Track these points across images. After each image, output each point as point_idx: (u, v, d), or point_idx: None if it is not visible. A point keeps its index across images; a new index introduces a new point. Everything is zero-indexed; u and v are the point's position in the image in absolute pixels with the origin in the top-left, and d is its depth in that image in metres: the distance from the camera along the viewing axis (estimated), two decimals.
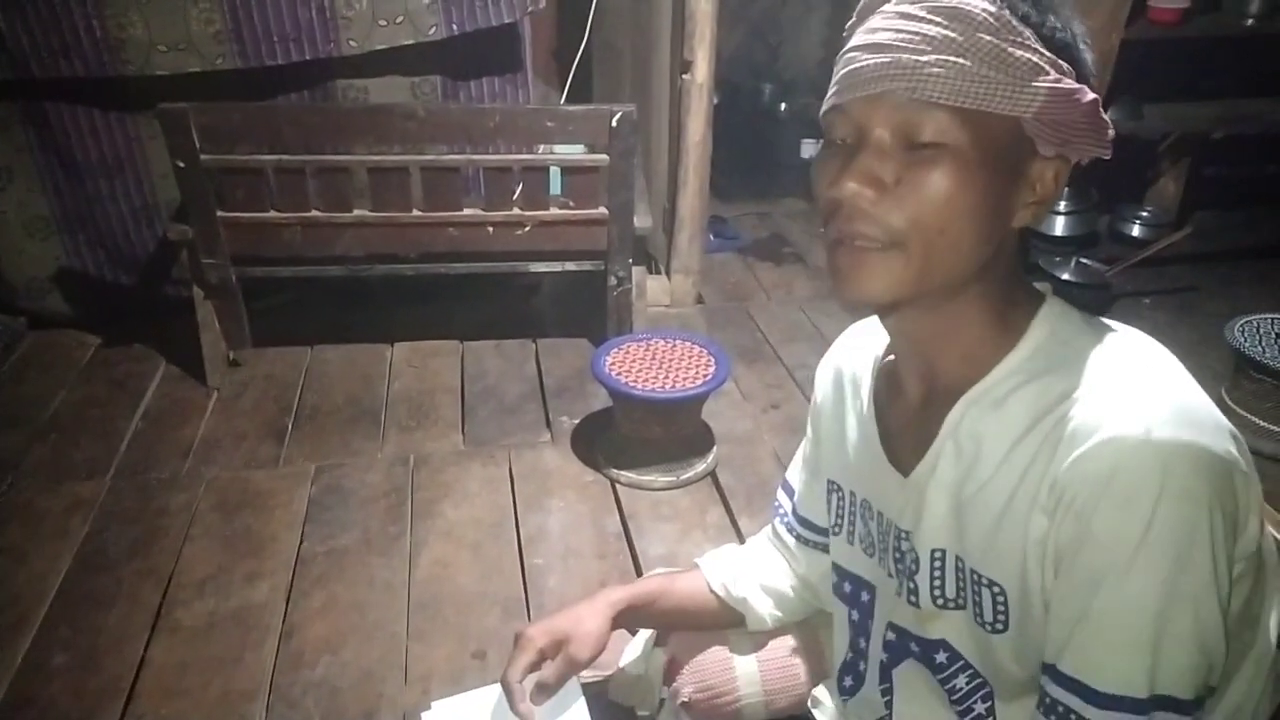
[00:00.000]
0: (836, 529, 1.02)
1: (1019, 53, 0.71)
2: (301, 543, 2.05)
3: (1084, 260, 3.09)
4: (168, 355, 2.70)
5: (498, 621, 1.85)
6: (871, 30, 0.75)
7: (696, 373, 2.20)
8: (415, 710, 1.65)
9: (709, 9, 2.68)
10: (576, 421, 2.48)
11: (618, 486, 2.24)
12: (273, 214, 2.45)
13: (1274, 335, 2.39)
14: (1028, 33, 0.72)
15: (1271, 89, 3.25)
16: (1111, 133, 0.77)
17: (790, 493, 1.15)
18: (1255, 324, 2.43)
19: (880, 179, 0.73)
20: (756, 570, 1.17)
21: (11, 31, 2.38)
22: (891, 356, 0.94)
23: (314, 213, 2.46)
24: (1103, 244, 3.42)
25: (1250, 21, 3.03)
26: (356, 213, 2.47)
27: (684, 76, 2.78)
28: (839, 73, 0.77)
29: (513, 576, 1.97)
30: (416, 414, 2.51)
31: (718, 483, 2.27)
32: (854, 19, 0.79)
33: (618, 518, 2.15)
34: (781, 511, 1.16)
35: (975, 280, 0.78)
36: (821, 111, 0.79)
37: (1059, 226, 3.38)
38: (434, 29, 2.54)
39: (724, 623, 1.18)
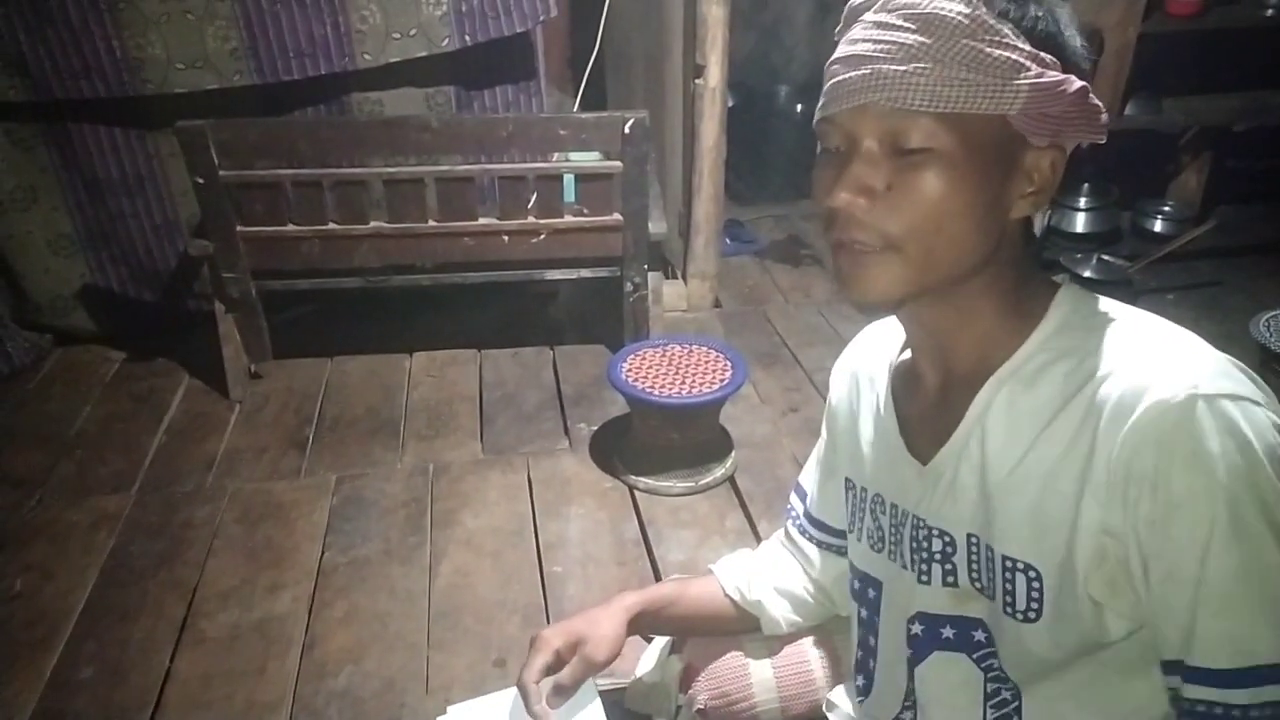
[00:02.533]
0: (852, 528, 1.02)
1: (997, 52, 0.72)
2: (323, 553, 2.06)
3: (1106, 257, 3.06)
4: (190, 369, 2.73)
5: (518, 629, 1.85)
6: (852, 41, 0.77)
7: (713, 377, 2.20)
8: None
9: (721, 14, 2.68)
10: (595, 428, 2.48)
11: (636, 493, 2.24)
12: (291, 227, 2.48)
13: None
14: (1006, 29, 0.73)
15: None
16: (1105, 117, 0.78)
17: (803, 495, 1.15)
18: None
19: (871, 187, 0.76)
20: (771, 574, 1.16)
21: (33, 54, 2.43)
22: (908, 353, 0.94)
23: (331, 225, 2.48)
24: (1125, 240, 3.38)
25: (1270, 12, 2.99)
26: (373, 224, 2.49)
27: (697, 81, 2.78)
28: (826, 84, 0.79)
29: (532, 584, 1.97)
30: (435, 423, 2.52)
31: (736, 487, 2.26)
32: (840, 26, 0.80)
33: (636, 524, 2.15)
34: (794, 514, 1.16)
35: (981, 270, 0.80)
36: (814, 121, 0.81)
37: (1080, 223, 3.35)
38: (447, 40, 2.56)
39: (739, 627, 1.18)
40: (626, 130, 2.39)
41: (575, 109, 3.05)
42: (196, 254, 2.51)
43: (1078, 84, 0.74)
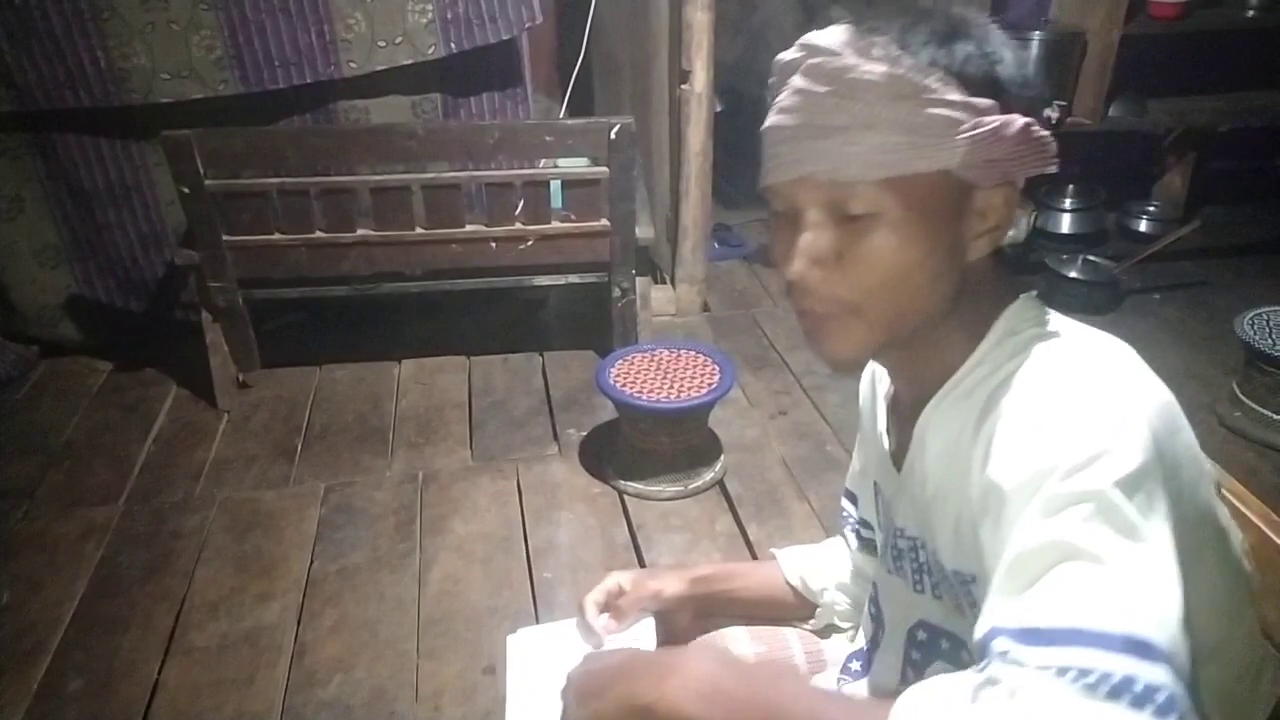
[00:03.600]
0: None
1: (928, 111, 0.70)
2: (312, 562, 2.06)
3: (1091, 258, 3.08)
4: (178, 379, 2.73)
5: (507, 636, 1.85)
6: (782, 109, 0.75)
7: (701, 382, 2.21)
8: None
9: (706, 19, 2.69)
10: (584, 434, 2.48)
11: (626, 497, 2.24)
12: (278, 236, 2.47)
13: None
14: (933, 82, 0.71)
15: (1277, 80, 3.23)
16: (1054, 146, 0.75)
17: (854, 499, 1.15)
18: (1265, 317, 2.41)
19: (821, 258, 0.75)
20: (834, 567, 1.17)
21: (19, 65, 2.42)
22: None
23: (318, 233, 2.48)
24: (1110, 240, 3.41)
25: (1251, 13, 3.01)
26: (360, 232, 2.49)
27: (683, 87, 2.79)
28: (763, 151, 0.78)
29: (522, 590, 1.97)
30: (425, 430, 2.52)
31: (726, 491, 2.26)
32: (774, 80, 0.78)
33: (626, 529, 2.15)
34: (845, 515, 1.15)
35: (947, 313, 0.79)
36: (758, 188, 0.80)
37: (1066, 224, 3.37)
38: (433, 48, 2.57)
39: (794, 615, 1.18)
40: (613, 136, 2.40)
41: (561, 115, 3.05)
42: (183, 263, 2.50)
43: (1019, 123, 0.72)
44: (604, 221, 2.53)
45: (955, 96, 0.71)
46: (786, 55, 0.77)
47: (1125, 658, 0.56)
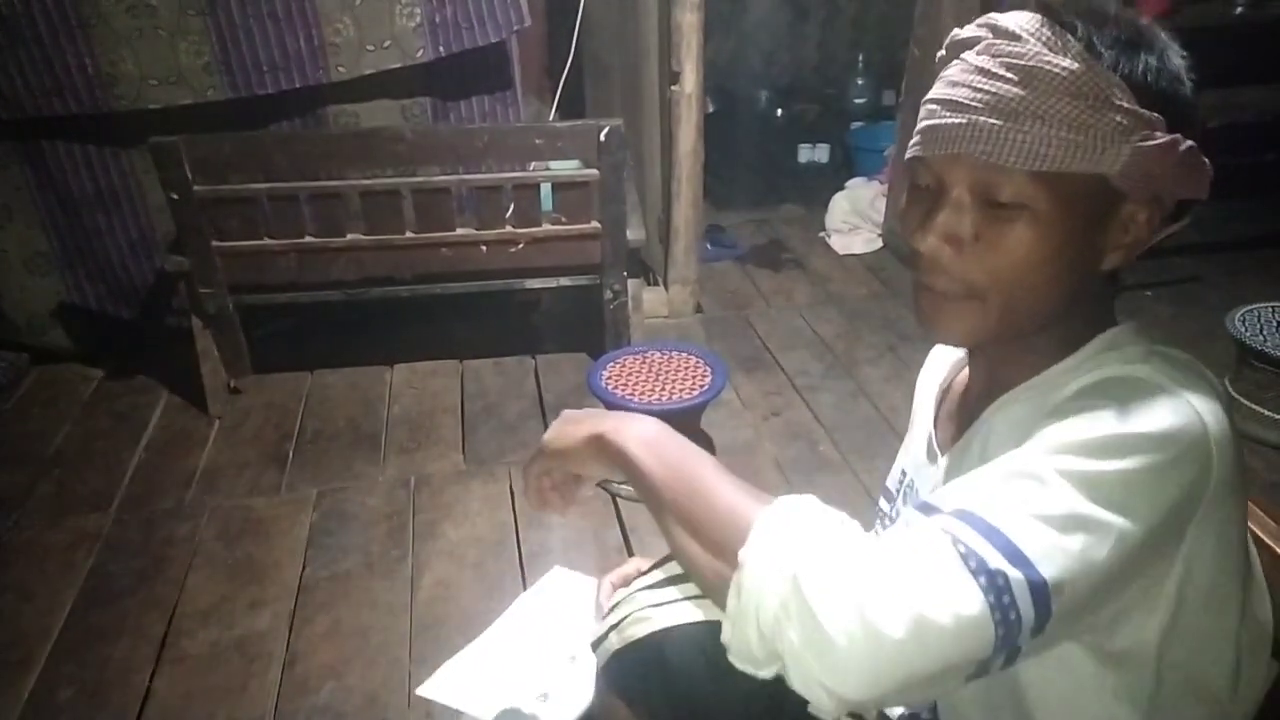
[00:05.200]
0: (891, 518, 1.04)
1: (1105, 115, 0.71)
2: (304, 569, 2.05)
3: None
4: (169, 386, 2.72)
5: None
6: (951, 84, 0.76)
7: (693, 383, 2.20)
8: None
9: (695, 20, 2.69)
10: None
11: (619, 500, 2.24)
12: (267, 241, 2.47)
13: (1276, 324, 2.37)
14: (1114, 88, 0.71)
15: (1267, 76, 3.23)
16: (1209, 174, 0.76)
17: (890, 497, 1.14)
18: (1257, 313, 2.42)
19: (958, 236, 0.76)
20: None
21: (5, 72, 2.41)
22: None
23: (308, 238, 2.48)
24: None
25: (1240, 10, 3.02)
26: (350, 237, 2.49)
27: (673, 88, 2.78)
28: (921, 122, 0.78)
29: (515, 595, 1.95)
30: (417, 435, 2.51)
31: None
32: (944, 53, 0.79)
33: (619, 531, 2.15)
34: (880, 513, 1.13)
35: (1060, 317, 0.80)
36: (905, 156, 0.81)
37: None
38: (421, 52, 2.56)
39: None
40: (602, 138, 2.39)
41: (551, 118, 3.05)
42: (173, 270, 2.50)
43: (1185, 144, 0.73)
44: (595, 224, 2.53)
45: (1131, 106, 0.72)
46: (965, 32, 0.77)
47: (1004, 559, 0.62)
